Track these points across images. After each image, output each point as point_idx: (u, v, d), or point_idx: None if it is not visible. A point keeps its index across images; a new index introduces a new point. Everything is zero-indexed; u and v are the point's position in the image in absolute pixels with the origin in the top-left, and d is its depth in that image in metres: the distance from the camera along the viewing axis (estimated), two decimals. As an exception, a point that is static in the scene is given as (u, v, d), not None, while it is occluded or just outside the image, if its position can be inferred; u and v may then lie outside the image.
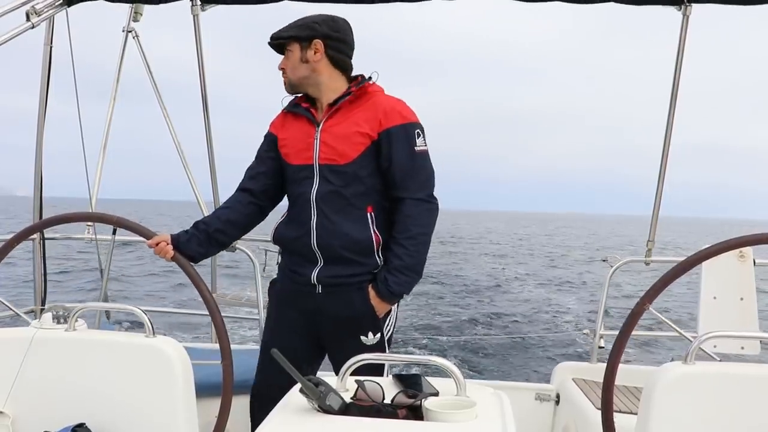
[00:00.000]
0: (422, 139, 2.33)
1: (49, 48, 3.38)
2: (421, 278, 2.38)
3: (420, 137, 2.33)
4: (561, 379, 3.39)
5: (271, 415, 1.41)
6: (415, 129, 2.32)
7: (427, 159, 2.35)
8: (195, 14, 3.42)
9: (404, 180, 2.31)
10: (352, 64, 2.42)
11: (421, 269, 2.35)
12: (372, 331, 2.35)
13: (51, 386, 1.99)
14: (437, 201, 2.36)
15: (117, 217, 2.32)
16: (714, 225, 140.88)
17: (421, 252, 2.33)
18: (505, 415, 1.43)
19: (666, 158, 3.38)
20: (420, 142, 2.32)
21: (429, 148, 2.36)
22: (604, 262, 3.71)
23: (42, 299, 3.60)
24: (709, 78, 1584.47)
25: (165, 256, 2.32)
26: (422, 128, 2.35)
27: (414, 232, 2.30)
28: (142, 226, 2.31)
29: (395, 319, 2.45)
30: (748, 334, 2.92)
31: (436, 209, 2.36)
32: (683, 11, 3.10)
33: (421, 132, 2.34)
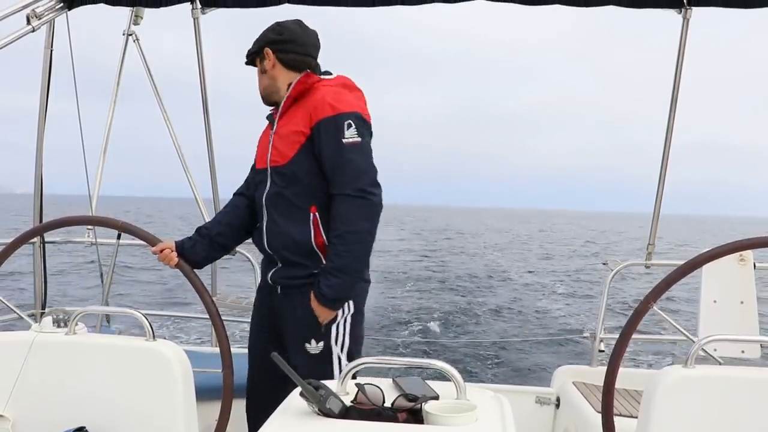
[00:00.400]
0: (354, 129, 2.18)
1: (50, 51, 3.39)
2: (363, 281, 2.26)
3: (351, 128, 2.18)
4: (561, 382, 3.39)
5: (272, 418, 1.41)
6: (346, 120, 2.18)
7: (357, 151, 2.19)
8: (195, 17, 3.43)
9: (333, 175, 2.20)
10: (310, 62, 2.37)
11: (354, 271, 2.19)
12: (315, 339, 2.24)
13: (51, 390, 1.99)
14: (373, 196, 2.18)
15: (122, 222, 2.32)
16: (713, 223, 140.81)
17: (352, 252, 2.17)
18: (506, 419, 1.43)
19: (666, 161, 3.38)
20: (350, 133, 2.18)
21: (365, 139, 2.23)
22: (604, 266, 3.71)
23: (42, 303, 3.60)
24: (709, 77, 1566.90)
25: (169, 263, 2.34)
26: (358, 118, 2.21)
27: (341, 230, 2.17)
28: (147, 233, 2.31)
29: (346, 330, 2.27)
30: (749, 338, 2.92)
31: (371, 205, 2.18)
32: (683, 14, 3.10)
33: (354, 122, 2.19)
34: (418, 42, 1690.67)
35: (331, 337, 2.25)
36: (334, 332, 2.25)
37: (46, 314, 2.11)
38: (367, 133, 2.24)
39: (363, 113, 2.26)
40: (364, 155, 2.21)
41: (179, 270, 2.32)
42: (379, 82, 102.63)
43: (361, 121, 2.22)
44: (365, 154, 2.22)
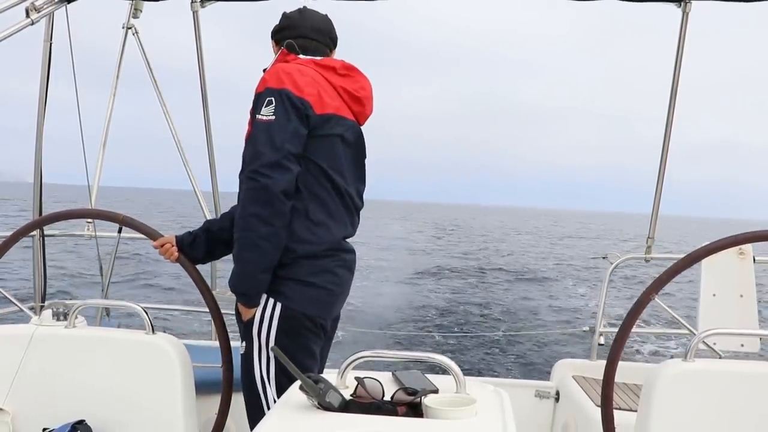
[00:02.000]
0: (272, 107, 1.99)
1: (49, 44, 3.38)
2: (258, 272, 2.00)
3: (270, 105, 1.99)
4: (561, 376, 3.40)
5: (271, 412, 1.41)
6: (268, 96, 2.01)
7: (262, 129, 1.98)
8: (194, 10, 3.42)
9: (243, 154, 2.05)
10: (307, 44, 2.21)
11: (243, 261, 1.99)
12: (241, 337, 2.12)
13: (51, 383, 1.99)
14: (265, 178, 1.94)
15: (123, 215, 2.32)
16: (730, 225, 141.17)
17: (239, 239, 2.00)
18: (505, 412, 1.43)
19: (665, 155, 3.38)
20: (266, 111, 1.99)
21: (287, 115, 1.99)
22: (604, 259, 3.71)
23: (42, 296, 3.60)
24: (720, 73, 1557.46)
25: (170, 258, 2.31)
26: (284, 96, 2.00)
27: (236, 216, 2.02)
28: (149, 227, 2.31)
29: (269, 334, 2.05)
30: (748, 332, 2.92)
31: (260, 188, 1.94)
32: (683, 8, 3.09)
33: (276, 100, 1.99)
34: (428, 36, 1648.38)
35: (253, 340, 2.08)
36: (256, 336, 2.07)
37: (45, 307, 2.11)
38: (290, 113, 1.99)
39: (297, 92, 2.02)
40: (270, 135, 1.97)
41: (180, 264, 2.32)
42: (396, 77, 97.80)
43: (286, 100, 2.00)
44: (272, 133, 1.98)
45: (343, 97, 2.16)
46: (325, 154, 2.11)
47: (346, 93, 2.17)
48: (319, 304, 2.10)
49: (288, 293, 2.06)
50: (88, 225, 3.63)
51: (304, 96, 2.04)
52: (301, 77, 2.06)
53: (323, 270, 2.10)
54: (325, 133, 2.09)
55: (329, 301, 2.14)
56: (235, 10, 4.17)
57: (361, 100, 2.22)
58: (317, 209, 2.10)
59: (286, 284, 2.06)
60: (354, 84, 2.20)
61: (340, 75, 2.18)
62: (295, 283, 2.07)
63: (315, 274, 2.08)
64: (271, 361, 2.06)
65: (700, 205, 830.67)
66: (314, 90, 2.06)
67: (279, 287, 2.06)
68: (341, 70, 2.18)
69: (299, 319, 2.07)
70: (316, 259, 2.09)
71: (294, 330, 2.07)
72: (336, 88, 2.15)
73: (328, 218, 2.12)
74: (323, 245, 2.10)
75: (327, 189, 2.12)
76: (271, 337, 2.05)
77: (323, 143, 2.10)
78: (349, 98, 2.18)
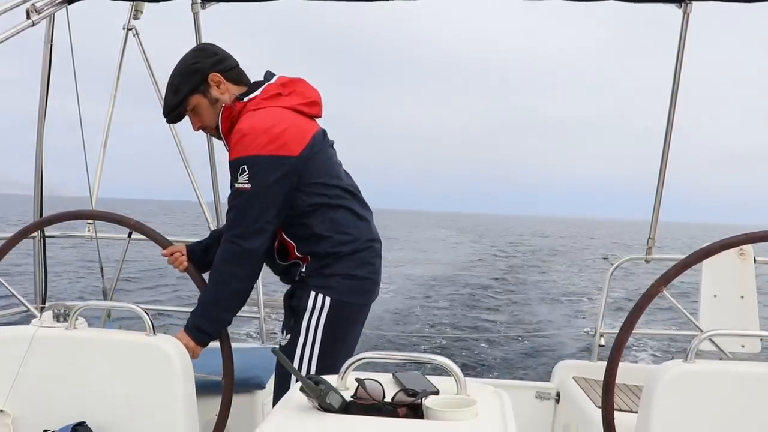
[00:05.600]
0: (246, 176, 2.12)
1: (50, 46, 3.38)
2: (222, 318, 2.24)
3: (244, 174, 2.12)
4: (561, 377, 3.39)
5: (272, 413, 1.41)
6: (241, 165, 2.12)
7: (240, 197, 2.15)
8: (195, 12, 3.41)
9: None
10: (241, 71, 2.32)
11: (208, 310, 2.23)
12: (285, 329, 2.33)
13: (51, 385, 1.99)
14: (244, 242, 2.15)
15: (134, 220, 2.32)
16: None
17: (209, 290, 2.24)
18: (506, 414, 1.43)
19: (666, 158, 3.37)
20: (242, 179, 2.12)
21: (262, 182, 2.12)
22: (605, 260, 3.71)
23: (42, 297, 3.60)
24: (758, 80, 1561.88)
25: (179, 267, 2.35)
26: (254, 161, 2.11)
27: (212, 269, 2.25)
28: (159, 234, 2.31)
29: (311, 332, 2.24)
30: (749, 332, 2.92)
31: (239, 251, 2.16)
32: (684, 9, 3.09)
33: (249, 167, 2.11)
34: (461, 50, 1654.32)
35: (300, 332, 2.23)
36: (304, 329, 2.23)
37: (46, 309, 2.11)
38: (261, 176, 2.12)
39: (265, 153, 2.12)
40: (246, 203, 2.15)
41: (188, 273, 2.33)
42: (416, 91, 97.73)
43: (256, 165, 2.12)
44: (248, 202, 2.14)
45: (303, 112, 2.27)
46: (324, 169, 2.26)
47: (302, 105, 2.27)
48: (364, 294, 2.31)
49: (336, 287, 2.24)
50: (89, 226, 3.64)
51: (279, 150, 2.14)
52: (271, 131, 2.13)
53: (364, 263, 2.28)
54: (313, 154, 2.21)
55: (371, 290, 2.34)
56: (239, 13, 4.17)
57: (315, 102, 2.32)
58: (342, 215, 2.27)
59: (333, 279, 2.24)
60: (300, 94, 2.29)
61: (287, 95, 2.26)
62: (342, 278, 2.24)
63: (357, 267, 2.27)
64: (314, 356, 2.22)
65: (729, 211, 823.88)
66: (287, 136, 2.15)
67: (327, 283, 2.24)
68: (285, 91, 2.26)
69: (347, 309, 2.26)
70: (356, 254, 2.27)
71: (341, 320, 2.25)
72: (295, 108, 2.24)
73: (354, 218, 2.30)
74: (359, 241, 2.28)
75: (342, 196, 2.28)
76: (320, 329, 2.22)
77: (316, 163, 2.23)
78: (306, 107, 2.28)
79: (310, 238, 2.25)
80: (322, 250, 2.25)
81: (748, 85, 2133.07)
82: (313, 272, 2.26)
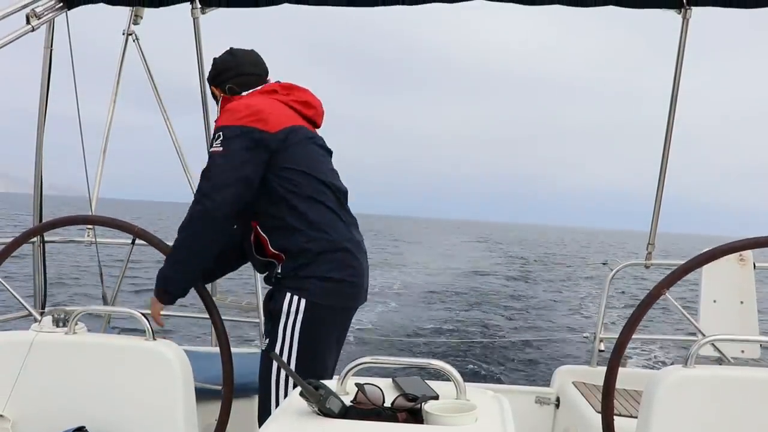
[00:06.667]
0: (219, 141, 2.20)
1: (50, 51, 3.39)
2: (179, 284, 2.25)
3: (219, 140, 2.21)
4: (561, 382, 3.39)
5: (271, 418, 1.41)
6: (217, 132, 2.23)
7: (213, 158, 2.20)
8: (195, 17, 3.43)
9: None
10: (249, 80, 2.41)
11: (170, 269, 2.23)
12: (265, 333, 2.37)
13: (51, 389, 1.99)
14: (206, 199, 2.16)
15: (138, 227, 2.32)
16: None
17: (173, 251, 2.24)
18: (505, 419, 1.43)
19: (666, 161, 3.38)
20: (216, 144, 2.21)
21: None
22: (604, 266, 3.71)
23: (42, 302, 3.60)
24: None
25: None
26: (228, 130, 2.20)
27: (179, 228, 2.23)
28: (161, 241, 2.31)
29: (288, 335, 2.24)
30: (749, 338, 2.92)
31: (201, 209, 2.17)
32: (683, 14, 3.10)
33: (223, 134, 2.20)
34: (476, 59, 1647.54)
35: (277, 336, 2.24)
36: (281, 332, 2.24)
37: (46, 314, 2.11)
38: (235, 143, 2.19)
39: (239, 123, 2.20)
40: (217, 163, 2.19)
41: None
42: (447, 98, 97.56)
43: (231, 133, 2.20)
44: (219, 162, 2.19)
45: (295, 108, 2.36)
46: (303, 160, 2.27)
47: (296, 103, 2.37)
48: (341, 297, 2.28)
49: (311, 289, 2.22)
50: (89, 231, 3.64)
51: (255, 123, 2.21)
52: (247, 108, 2.24)
53: (341, 265, 2.26)
54: (292, 141, 2.26)
55: (351, 293, 2.30)
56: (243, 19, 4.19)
57: (310, 103, 2.41)
58: (316, 209, 2.26)
59: (308, 282, 2.23)
60: (298, 95, 2.40)
61: (284, 93, 2.37)
62: (317, 280, 2.23)
63: (334, 269, 2.24)
64: (292, 360, 2.21)
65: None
66: (264, 114, 2.24)
67: (302, 285, 2.23)
68: (282, 90, 2.38)
69: (323, 312, 2.24)
70: (332, 254, 2.24)
71: (317, 323, 2.23)
72: (287, 103, 2.35)
73: (332, 216, 2.28)
74: (335, 241, 2.25)
75: (318, 189, 2.27)
76: (296, 332, 2.21)
77: (297, 151, 2.27)
78: (301, 106, 2.38)
79: (281, 230, 2.25)
80: (294, 247, 2.24)
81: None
82: (289, 273, 2.25)
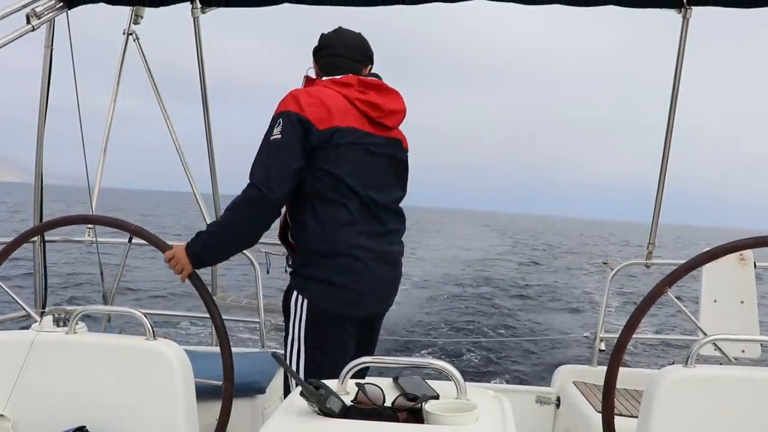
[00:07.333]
0: (279, 127, 2.21)
1: (50, 50, 3.39)
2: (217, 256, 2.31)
3: (278, 126, 2.21)
4: (561, 382, 3.39)
5: (272, 418, 1.41)
6: (278, 118, 2.23)
7: (264, 146, 2.22)
8: (195, 17, 3.44)
9: None
10: (340, 62, 2.40)
11: (206, 235, 2.25)
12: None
13: (52, 389, 1.99)
14: (255, 190, 2.18)
15: (135, 225, 2.32)
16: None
17: (218, 224, 2.27)
18: (506, 419, 1.43)
19: (666, 161, 3.38)
20: (276, 131, 2.21)
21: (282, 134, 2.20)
22: (605, 265, 3.71)
23: (42, 302, 3.60)
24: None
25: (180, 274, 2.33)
26: (288, 117, 2.21)
27: (228, 208, 2.24)
28: (159, 238, 2.31)
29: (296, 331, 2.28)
30: (749, 337, 2.92)
31: (253, 197, 2.18)
32: (683, 14, 3.10)
33: (283, 120, 2.21)
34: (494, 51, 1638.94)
35: (289, 330, 2.29)
36: (291, 327, 2.29)
37: (46, 313, 2.11)
38: (288, 131, 2.20)
39: (297, 111, 2.21)
40: (268, 152, 2.21)
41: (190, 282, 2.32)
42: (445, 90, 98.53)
43: (288, 120, 2.20)
44: (271, 151, 2.20)
45: (360, 108, 2.30)
46: (340, 163, 2.24)
47: (362, 103, 2.30)
48: (343, 303, 2.25)
49: (312, 290, 2.25)
50: (89, 231, 3.64)
51: (307, 114, 2.20)
52: (307, 98, 2.23)
53: (344, 270, 2.24)
54: (336, 143, 2.23)
55: (353, 301, 2.26)
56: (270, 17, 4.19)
57: (377, 105, 2.33)
58: (333, 213, 2.24)
59: (311, 283, 2.25)
60: (369, 95, 2.33)
61: (358, 90, 2.32)
62: (318, 282, 2.25)
63: (337, 274, 2.23)
64: (301, 359, 2.24)
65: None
66: (318, 108, 2.22)
67: (305, 285, 2.26)
68: (358, 86, 2.33)
69: (325, 315, 2.24)
70: (335, 259, 2.24)
71: (320, 325, 2.24)
72: (353, 101, 2.29)
73: (348, 222, 2.25)
74: (341, 246, 2.24)
75: (343, 194, 2.25)
76: (302, 332, 2.25)
77: (335, 153, 2.24)
78: (367, 107, 2.31)
79: (299, 225, 2.29)
80: (303, 243, 2.29)
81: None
82: (297, 268, 2.31)
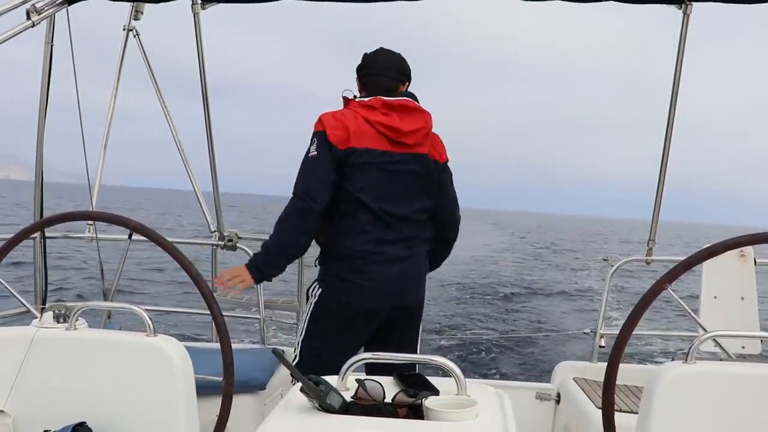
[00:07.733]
0: (314, 146, 2.55)
1: (50, 47, 3.39)
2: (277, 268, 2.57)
3: (313, 144, 2.55)
4: (562, 378, 3.39)
5: (272, 414, 1.41)
6: (312, 138, 2.57)
7: (304, 162, 2.56)
8: (195, 12, 3.42)
9: None
10: (376, 81, 2.66)
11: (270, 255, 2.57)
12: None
13: (52, 385, 1.99)
14: (295, 201, 2.54)
15: (135, 222, 2.31)
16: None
17: (271, 238, 2.58)
18: (506, 415, 1.43)
19: (666, 158, 3.37)
20: (311, 149, 2.55)
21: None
22: (605, 262, 3.71)
23: (42, 298, 3.60)
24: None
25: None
26: (317, 136, 2.55)
27: (278, 221, 2.57)
28: (160, 235, 2.30)
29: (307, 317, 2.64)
30: (749, 333, 2.92)
31: (298, 207, 2.53)
32: (684, 10, 3.08)
33: (316, 139, 2.55)
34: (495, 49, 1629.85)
35: (301, 319, 2.67)
36: (304, 314, 2.66)
37: (46, 309, 2.11)
38: (321, 149, 2.53)
39: (327, 132, 2.52)
40: (304, 168, 2.56)
41: (178, 263, 2.32)
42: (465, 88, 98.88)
43: (320, 139, 2.54)
44: (306, 167, 2.55)
45: (379, 130, 2.55)
46: (354, 181, 2.54)
47: (381, 126, 2.55)
48: (353, 296, 2.55)
49: (328, 282, 2.60)
50: (90, 227, 3.64)
51: (329, 136, 2.53)
52: (332, 121, 2.54)
53: (355, 269, 2.55)
54: (352, 162, 2.53)
55: (365, 295, 2.56)
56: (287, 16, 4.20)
57: (396, 128, 2.56)
58: (347, 223, 2.57)
59: (328, 275, 2.61)
60: (390, 119, 2.57)
61: (381, 113, 2.57)
62: (333, 276, 2.59)
63: (347, 272, 2.56)
64: (301, 341, 2.61)
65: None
66: (339, 131, 2.53)
67: (323, 278, 2.62)
68: (381, 108, 2.58)
69: (332, 306, 2.57)
70: (347, 260, 2.56)
71: (325, 314, 2.58)
72: (373, 123, 2.55)
73: (357, 230, 2.56)
74: (353, 250, 2.55)
75: (356, 207, 2.55)
76: (308, 316, 2.61)
77: (351, 171, 2.54)
78: (386, 130, 2.56)
79: (323, 231, 2.62)
80: (325, 244, 2.65)
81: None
82: (320, 264, 2.65)
